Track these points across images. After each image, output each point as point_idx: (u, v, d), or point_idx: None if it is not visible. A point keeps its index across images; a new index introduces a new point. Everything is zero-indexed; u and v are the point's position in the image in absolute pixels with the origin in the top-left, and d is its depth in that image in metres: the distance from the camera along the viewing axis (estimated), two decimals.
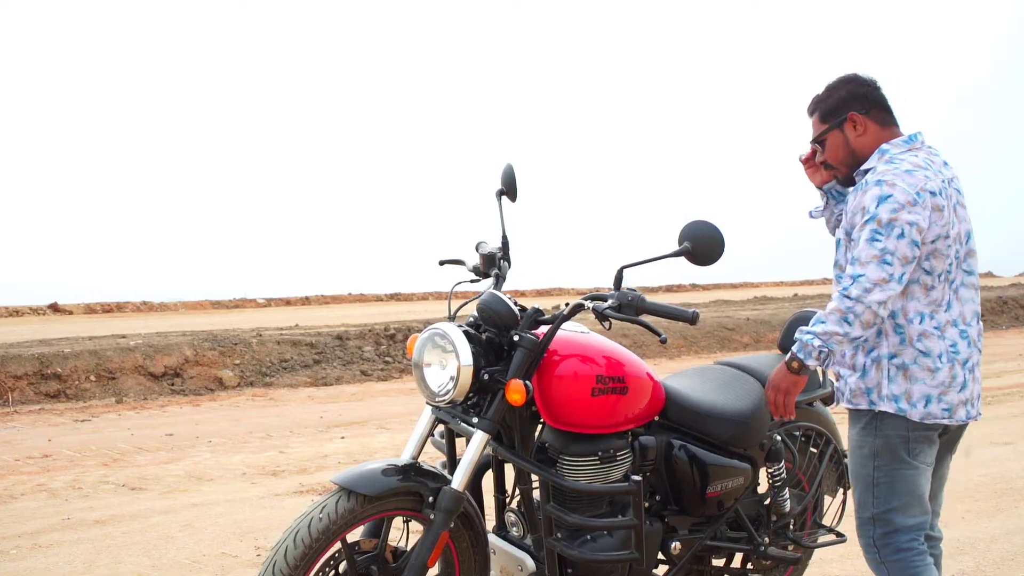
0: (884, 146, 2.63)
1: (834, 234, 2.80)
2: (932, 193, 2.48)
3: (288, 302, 22.83)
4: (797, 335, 2.50)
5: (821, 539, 3.39)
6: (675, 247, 2.55)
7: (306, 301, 23.30)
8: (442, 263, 3.10)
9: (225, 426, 7.86)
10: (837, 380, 2.75)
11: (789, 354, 2.52)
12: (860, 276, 2.42)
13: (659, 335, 2.53)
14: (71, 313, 19.22)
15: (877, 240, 2.43)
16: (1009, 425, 7.47)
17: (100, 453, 6.71)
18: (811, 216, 2.95)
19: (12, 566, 4.18)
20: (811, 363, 2.47)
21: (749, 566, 3.20)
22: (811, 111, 2.78)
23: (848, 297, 2.43)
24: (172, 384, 9.97)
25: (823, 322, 2.45)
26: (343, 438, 7.22)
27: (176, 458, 6.51)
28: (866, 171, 2.62)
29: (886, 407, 2.55)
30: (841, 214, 2.81)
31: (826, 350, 2.45)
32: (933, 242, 2.49)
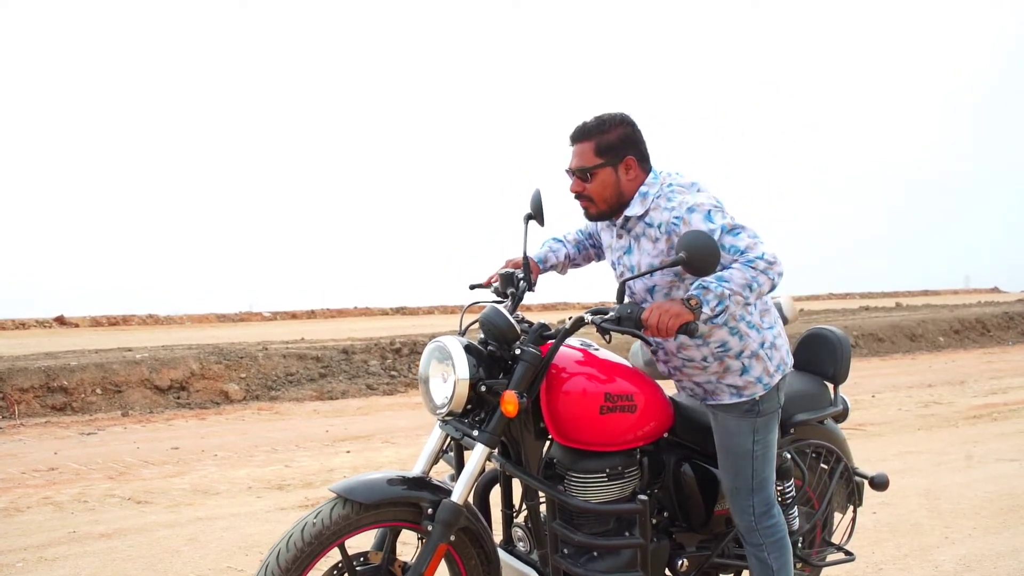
0: (643, 188, 2.69)
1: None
2: None
3: (294, 316, 22.84)
4: (700, 283, 2.46)
5: (830, 557, 3.37)
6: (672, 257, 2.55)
7: (312, 315, 23.31)
8: (472, 287, 3.11)
9: (231, 440, 7.86)
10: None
11: (688, 293, 2.47)
12: (762, 256, 2.47)
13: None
14: (77, 326, 19.24)
15: (739, 233, 2.52)
16: (1016, 442, 7.45)
17: (106, 466, 6.72)
18: None
19: None
20: (706, 310, 2.43)
21: None
22: (580, 138, 2.69)
23: (754, 268, 2.46)
24: (178, 398, 9.98)
25: (727, 281, 2.44)
26: (349, 452, 7.22)
27: (182, 472, 6.52)
28: (642, 216, 2.68)
29: (759, 392, 2.77)
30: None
31: (725, 304, 2.45)
32: None
